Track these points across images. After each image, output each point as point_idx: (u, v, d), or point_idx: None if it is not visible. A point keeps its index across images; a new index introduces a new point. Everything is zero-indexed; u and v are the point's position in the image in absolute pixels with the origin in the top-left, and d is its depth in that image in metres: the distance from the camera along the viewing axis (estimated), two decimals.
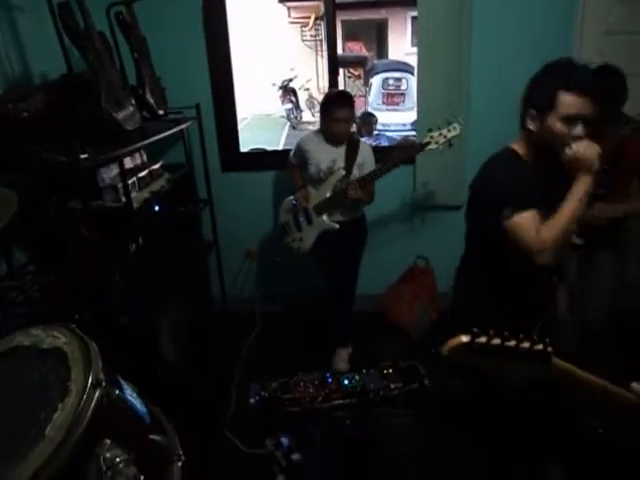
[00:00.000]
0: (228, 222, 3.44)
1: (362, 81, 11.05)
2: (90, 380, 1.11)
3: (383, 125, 8.34)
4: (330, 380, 2.65)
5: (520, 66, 2.98)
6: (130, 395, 1.25)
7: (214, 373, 2.97)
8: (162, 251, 2.78)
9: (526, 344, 0.82)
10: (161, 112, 2.75)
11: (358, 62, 11.20)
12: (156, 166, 2.71)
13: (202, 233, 3.38)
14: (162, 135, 2.60)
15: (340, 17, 10.81)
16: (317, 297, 3.01)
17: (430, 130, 2.54)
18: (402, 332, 3.25)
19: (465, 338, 0.82)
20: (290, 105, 10.41)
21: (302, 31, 12.23)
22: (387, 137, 7.91)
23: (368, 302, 3.25)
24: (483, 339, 0.82)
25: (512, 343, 0.82)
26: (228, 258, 3.52)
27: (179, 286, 2.88)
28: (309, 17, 11.46)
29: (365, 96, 9.79)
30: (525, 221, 1.48)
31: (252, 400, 2.57)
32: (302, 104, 10.63)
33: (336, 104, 2.62)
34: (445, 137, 2.51)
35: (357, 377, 2.66)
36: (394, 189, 3.25)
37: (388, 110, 8.62)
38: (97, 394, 1.10)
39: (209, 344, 3.22)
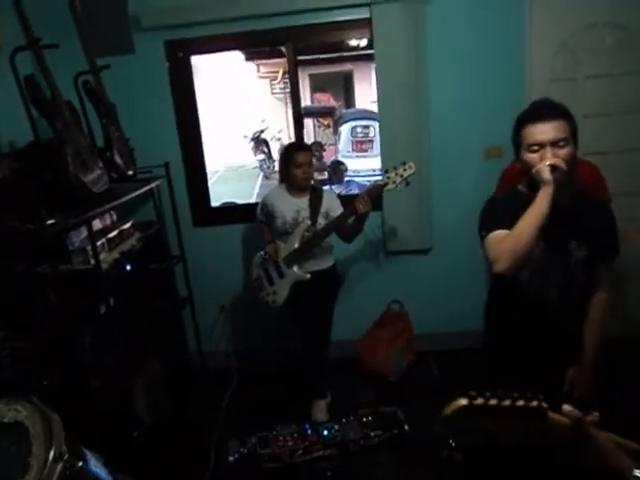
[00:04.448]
0: (202, 277, 3.44)
1: (331, 130, 11.35)
2: (52, 454, 1.10)
3: (354, 172, 8.54)
4: (309, 431, 2.62)
5: (476, 111, 3.16)
6: (94, 465, 1.23)
7: (192, 431, 2.91)
8: (136, 309, 2.77)
9: (521, 402, 0.84)
10: (130, 172, 2.79)
11: (326, 112, 11.56)
12: (126, 226, 2.74)
13: (176, 289, 3.37)
14: (131, 196, 2.63)
15: (308, 71, 11.24)
16: (292, 349, 3.00)
17: (387, 171, 2.59)
18: (379, 377, 3.24)
19: (464, 401, 0.83)
20: (262, 156, 10.61)
21: (272, 84, 12.60)
22: (357, 184, 8.09)
23: (343, 348, 3.23)
24: (480, 400, 0.83)
25: (507, 402, 0.83)
26: (203, 313, 3.50)
27: (154, 343, 2.85)
28: (277, 71, 11.84)
29: (335, 144, 10.05)
30: (494, 238, 1.64)
31: (231, 458, 2.51)
32: (274, 154, 10.83)
33: (296, 149, 2.76)
34: (402, 176, 2.53)
35: (336, 427, 2.64)
36: (364, 235, 3.30)
37: (358, 157, 8.84)
38: (59, 468, 1.09)
39: (186, 401, 3.16)
